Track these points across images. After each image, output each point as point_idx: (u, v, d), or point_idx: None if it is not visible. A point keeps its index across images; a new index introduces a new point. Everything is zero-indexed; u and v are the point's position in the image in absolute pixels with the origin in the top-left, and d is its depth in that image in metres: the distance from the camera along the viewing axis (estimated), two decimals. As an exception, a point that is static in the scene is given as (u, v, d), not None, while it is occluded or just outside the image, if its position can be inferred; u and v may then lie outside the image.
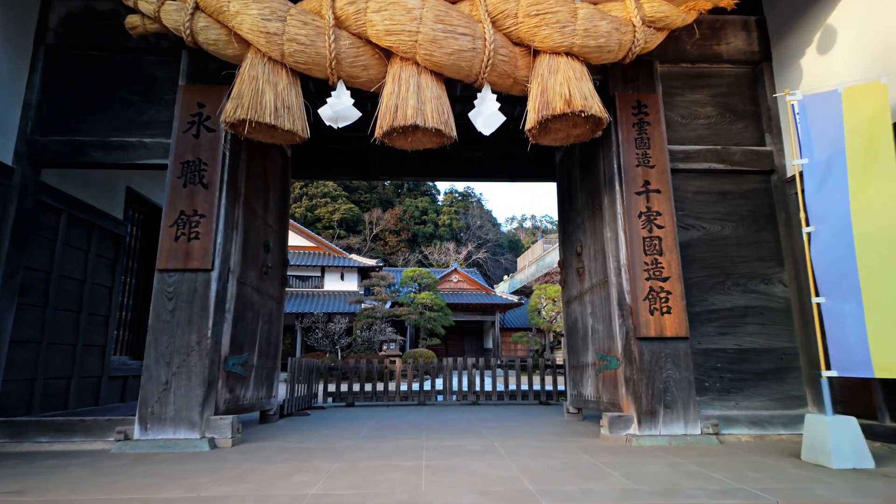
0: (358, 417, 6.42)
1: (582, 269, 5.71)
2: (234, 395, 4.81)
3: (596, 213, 5.28)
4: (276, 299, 6.10)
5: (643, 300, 4.47)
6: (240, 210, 4.91)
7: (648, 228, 4.61)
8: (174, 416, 4.13)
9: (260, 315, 5.50)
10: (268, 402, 5.82)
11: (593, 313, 5.36)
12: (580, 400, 5.82)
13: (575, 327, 6.05)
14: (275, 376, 6.06)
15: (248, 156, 5.12)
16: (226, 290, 4.61)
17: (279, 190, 6.25)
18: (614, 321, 4.75)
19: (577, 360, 5.98)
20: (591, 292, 5.42)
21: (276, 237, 6.09)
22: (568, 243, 6.39)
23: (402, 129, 3.95)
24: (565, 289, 6.45)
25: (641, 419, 4.29)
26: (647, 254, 4.56)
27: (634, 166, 4.74)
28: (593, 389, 5.35)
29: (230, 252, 4.70)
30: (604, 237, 5.03)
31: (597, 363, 5.22)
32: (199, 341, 4.27)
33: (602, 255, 5.09)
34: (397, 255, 51.32)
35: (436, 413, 6.92)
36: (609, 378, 4.89)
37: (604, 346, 5.05)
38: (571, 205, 6.21)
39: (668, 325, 4.42)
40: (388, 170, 8.36)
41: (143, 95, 4.90)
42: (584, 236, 5.67)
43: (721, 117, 5.13)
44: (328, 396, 8.50)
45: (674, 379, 4.36)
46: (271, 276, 5.88)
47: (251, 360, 5.24)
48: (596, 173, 5.27)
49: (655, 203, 4.66)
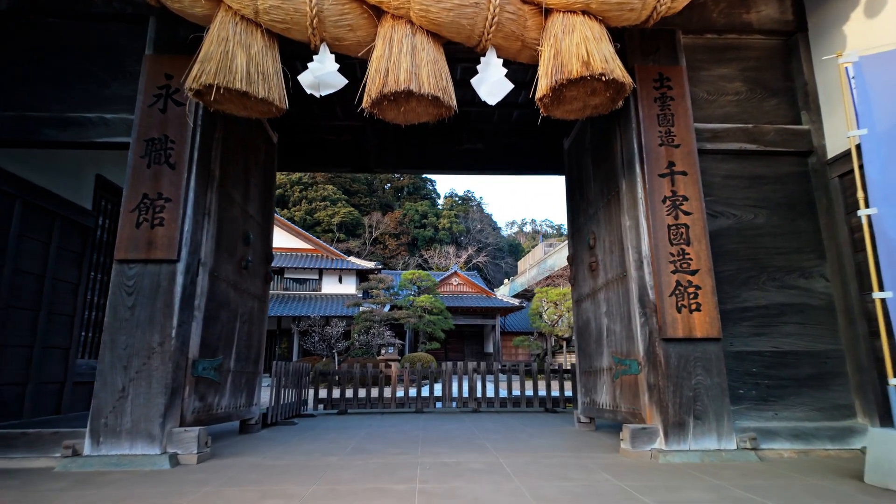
0: (348, 427, 5.86)
1: (595, 263, 5.16)
2: (206, 404, 4.26)
3: (612, 200, 4.74)
4: (259, 298, 5.56)
5: (669, 296, 3.93)
6: (213, 196, 4.37)
7: (674, 215, 4.07)
8: (131, 429, 3.58)
9: (238, 314, 4.95)
10: (248, 410, 5.27)
11: (609, 312, 4.82)
12: (593, 408, 5.27)
13: (587, 328, 5.50)
14: (256, 382, 5.51)
15: (223, 136, 4.59)
16: (195, 284, 4.07)
17: (262, 178, 5.72)
18: (634, 320, 4.21)
19: (589, 364, 5.43)
20: (607, 289, 4.87)
21: (258, 229, 5.55)
22: (578, 237, 5.85)
23: (394, 96, 3.42)
24: (575, 287, 5.90)
25: (668, 432, 3.74)
26: (672, 243, 4.02)
27: (657, 146, 4.21)
28: (609, 397, 4.80)
29: (200, 242, 4.16)
30: (621, 226, 4.50)
31: (613, 368, 4.67)
32: (161, 342, 3.72)
33: (619, 247, 4.55)
34: (397, 259, 50.90)
35: (434, 422, 6.36)
36: (628, 385, 4.35)
37: (622, 349, 4.51)
38: (582, 195, 5.68)
39: (697, 325, 3.88)
40: (384, 162, 7.84)
41: (106, 67, 4.37)
42: (598, 228, 5.13)
43: (751, 93, 4.61)
44: (319, 403, 7.94)
45: (704, 386, 3.81)
46: (252, 271, 5.34)
47: (227, 364, 4.69)
48: (612, 157, 4.74)
49: (681, 186, 4.13)
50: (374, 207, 55.44)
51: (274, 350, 28.53)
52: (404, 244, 53.90)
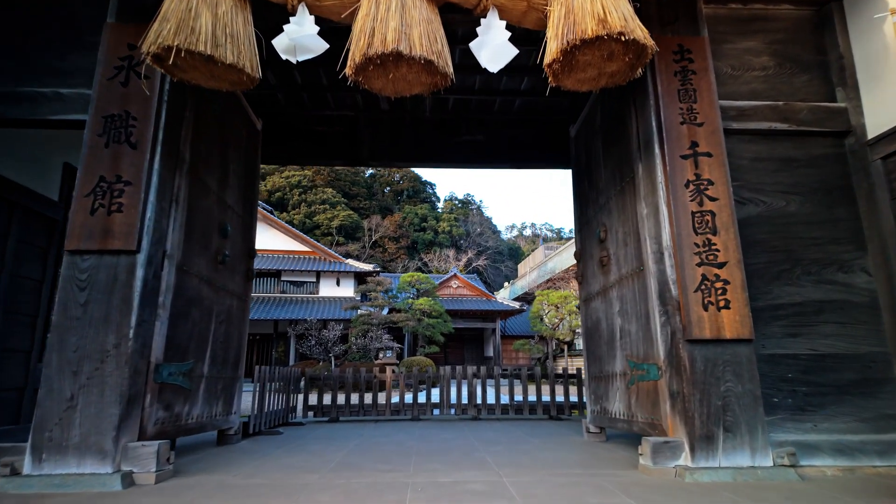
0: (338, 436, 5.39)
1: (606, 258, 4.71)
2: (172, 414, 3.80)
3: (626, 187, 4.29)
4: (239, 296, 5.10)
5: (694, 292, 3.47)
6: (183, 181, 3.92)
7: (698, 201, 3.62)
8: (79, 444, 3.11)
9: (214, 314, 4.49)
10: (225, 419, 4.80)
11: (623, 311, 4.36)
12: (604, 417, 4.80)
13: (597, 329, 5.04)
14: (235, 388, 5.04)
15: (196, 115, 4.15)
16: (159, 278, 3.61)
17: (243, 166, 5.27)
18: (654, 320, 3.75)
19: (599, 368, 4.97)
20: (620, 286, 4.42)
21: (238, 222, 5.09)
22: (587, 230, 5.39)
23: (381, 60, 2.97)
24: (584, 285, 5.44)
25: (695, 446, 3.27)
26: (697, 232, 3.57)
27: (678, 124, 3.76)
28: (623, 405, 4.33)
29: (166, 231, 3.71)
30: (637, 215, 4.04)
31: (628, 373, 4.21)
32: (117, 344, 3.26)
33: (635, 239, 4.10)
34: (396, 262, 50.52)
35: (431, 431, 5.89)
36: (646, 392, 3.88)
37: (638, 352, 4.05)
38: (591, 183, 5.22)
39: (726, 324, 3.42)
40: (378, 154, 7.39)
41: (64, 38, 3.93)
42: (610, 219, 4.68)
43: (780, 68, 4.16)
44: (309, 410, 7.47)
45: (735, 393, 3.35)
46: (231, 267, 4.88)
47: (199, 368, 4.23)
48: (626, 139, 4.29)
49: (706, 169, 3.68)
50: (373, 211, 55.10)
51: (270, 354, 28.03)
52: (404, 247, 53.52)
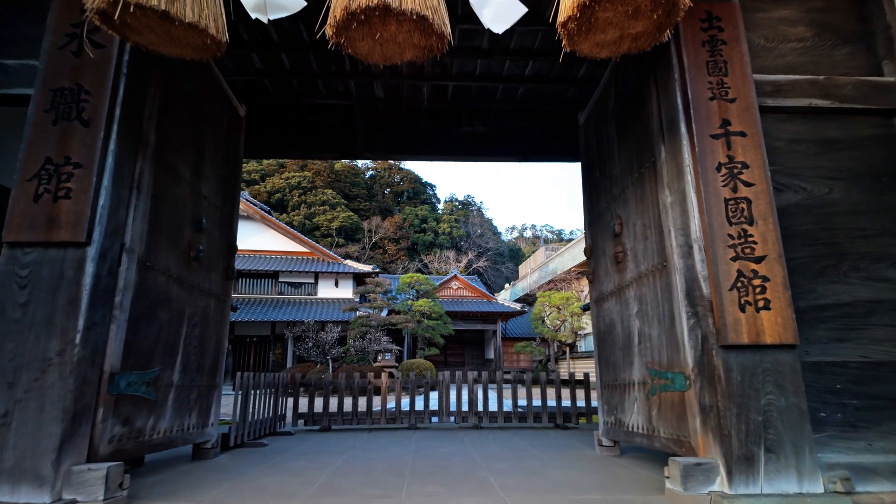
0: (326, 449, 4.94)
1: (622, 254, 4.25)
2: (133, 429, 3.34)
3: (646, 174, 3.83)
4: (217, 296, 4.64)
5: (729, 290, 3.01)
6: (146, 166, 3.47)
7: (731, 186, 3.16)
8: (13, 469, 2.65)
9: (185, 315, 4.04)
10: (201, 432, 4.34)
11: (642, 313, 3.90)
12: (619, 430, 4.34)
13: (610, 333, 4.58)
14: (213, 397, 4.58)
15: (164, 94, 3.70)
16: (115, 275, 3.16)
17: (223, 154, 4.82)
18: (680, 322, 3.30)
19: (613, 376, 4.50)
20: (638, 284, 3.96)
21: (216, 214, 4.64)
22: (598, 224, 4.94)
23: (366, 15, 2.51)
24: (595, 284, 4.98)
25: (732, 469, 2.81)
26: (731, 223, 3.11)
27: (707, 99, 3.31)
28: (642, 418, 3.87)
29: (125, 221, 3.26)
30: (660, 205, 3.59)
31: (648, 382, 3.75)
32: (61, 351, 2.81)
33: (657, 231, 3.64)
34: (396, 264, 50.18)
35: (428, 442, 5.43)
36: (671, 404, 3.42)
37: (660, 359, 3.59)
38: (604, 173, 4.77)
39: (766, 327, 2.96)
40: (373, 146, 6.94)
41: (8, 2, 3.49)
42: (626, 210, 4.22)
43: (818, 39, 3.71)
44: (299, 418, 7.00)
45: (778, 407, 2.89)
46: (207, 264, 4.42)
47: (168, 376, 3.77)
48: (645, 121, 3.84)
49: (739, 150, 3.22)
50: (373, 212, 54.77)
51: (267, 356, 27.59)
52: (404, 249, 53.15)
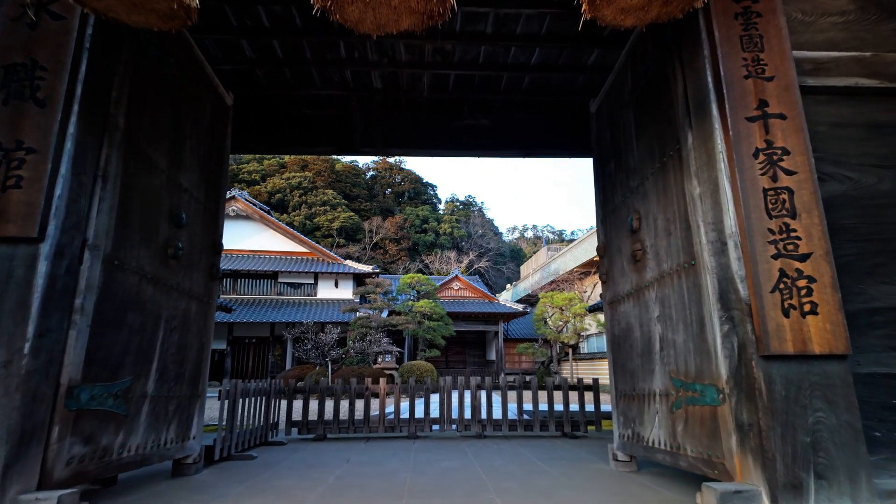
0: (319, 463, 4.57)
1: (640, 251, 3.88)
2: (98, 448, 2.98)
3: (669, 163, 3.47)
4: (199, 298, 4.28)
5: (770, 292, 2.65)
6: (115, 153, 3.11)
7: (771, 175, 2.80)
8: (-53, 498, 2.31)
9: (162, 319, 3.68)
10: (180, 446, 3.98)
11: (665, 317, 3.53)
12: (636, 445, 3.97)
13: (627, 338, 4.21)
14: (194, 408, 4.22)
15: (136, 75, 3.34)
16: (75, 274, 2.80)
17: (206, 145, 4.46)
18: (711, 328, 2.93)
19: (630, 385, 4.14)
20: (660, 285, 3.59)
21: (198, 209, 4.28)
22: (612, 219, 4.57)
23: (355, -29, 2.16)
24: (609, 284, 4.61)
25: (778, 499, 2.45)
26: (771, 215, 2.75)
27: (742, 78, 2.95)
28: (664, 433, 3.50)
29: (87, 215, 2.90)
30: (687, 196, 3.22)
31: (672, 393, 3.38)
32: (6, 362, 2.45)
33: (683, 226, 3.28)
34: (397, 264, 49.91)
35: (428, 454, 5.06)
36: (699, 419, 3.06)
37: (686, 368, 3.22)
38: (619, 164, 4.40)
39: (813, 335, 2.60)
40: (371, 140, 6.58)
41: (-38, -30, 3.14)
42: (645, 203, 3.86)
43: (861, 13, 3.35)
44: (293, 426, 6.64)
45: (828, 426, 2.53)
46: (188, 263, 4.06)
47: (141, 387, 3.41)
48: (668, 104, 3.48)
49: (779, 135, 2.86)
50: (374, 212, 54.53)
51: (267, 358, 27.23)
52: (405, 249, 52.86)
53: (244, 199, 30.46)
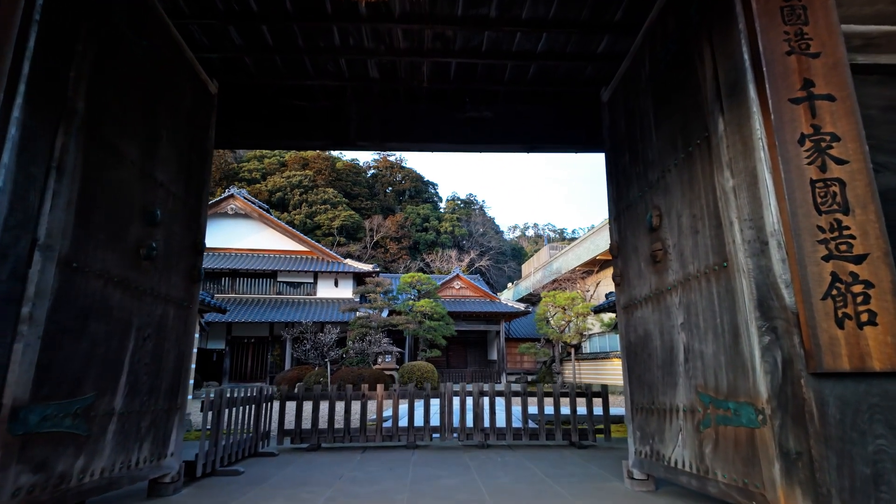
0: (309, 479, 4.23)
1: (661, 252, 3.52)
2: (53, 475, 2.63)
3: (696, 153, 3.11)
4: (178, 302, 3.92)
5: (822, 299, 2.29)
6: (74, 142, 2.75)
7: (819, 164, 2.44)
8: None
9: (133, 327, 3.32)
10: (156, 465, 3.63)
11: (690, 325, 3.17)
12: (656, 464, 3.61)
13: (644, 346, 3.85)
14: (172, 422, 3.87)
15: (99, 54, 2.98)
16: (23, 279, 2.44)
17: (186, 136, 4.10)
18: (747, 339, 2.57)
19: (649, 398, 3.77)
20: (685, 289, 3.23)
21: (177, 206, 3.92)
22: (627, 216, 4.20)
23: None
24: (624, 287, 4.25)
25: (834, 541, 2.09)
26: (820, 211, 2.39)
27: (783, 54, 2.58)
28: (690, 453, 3.14)
29: (39, 211, 2.54)
30: (717, 190, 2.86)
31: (699, 410, 3.02)
32: (-66, 382, 2.10)
33: (712, 223, 2.92)
34: (398, 263, 49.64)
35: (428, 469, 4.71)
36: (733, 441, 2.70)
37: (717, 383, 2.86)
38: (635, 156, 4.04)
39: (873, 349, 2.24)
40: (367, 134, 6.22)
41: None
42: (667, 198, 3.49)
43: (914, -15, 2.98)
44: (285, 436, 6.29)
45: (892, 456, 2.17)
46: (164, 264, 3.71)
47: (107, 403, 3.06)
48: (694, 88, 3.11)
49: (827, 118, 2.50)
50: (375, 211, 54.24)
51: (266, 358, 26.92)
52: (406, 248, 52.56)
53: (243, 198, 30.11)
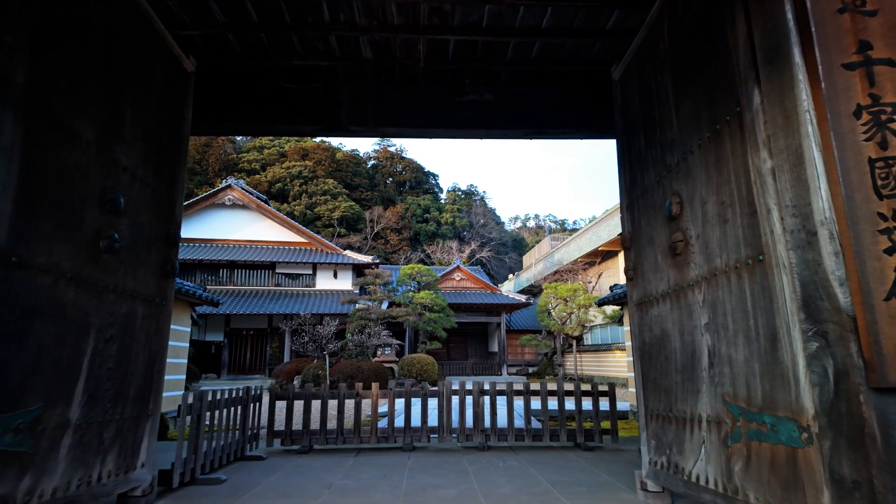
0: (296, 489, 3.90)
1: (682, 243, 3.16)
2: (-12, 500, 2.30)
3: (725, 131, 2.73)
4: (148, 299, 3.57)
5: (884, 300, 1.93)
6: (10, 117, 2.39)
7: (879, 140, 2.07)
8: None
9: (92, 328, 2.97)
10: (123, 479, 3.30)
11: (716, 325, 2.81)
12: (674, 477, 3.27)
13: (661, 348, 3.49)
14: (144, 430, 3.53)
15: (47, 20, 2.61)
16: (-56, 277, 2.09)
17: (156, 116, 3.72)
18: (788, 344, 2.22)
19: (666, 404, 3.43)
20: (711, 285, 2.87)
21: (145, 192, 3.55)
22: (641, 204, 3.83)
23: None
24: (636, 281, 3.89)
25: (901, 589, 1.75)
26: (881, 195, 2.03)
27: (835, 12, 2.21)
28: (716, 469, 2.80)
29: (-37, 196, 2.19)
30: (751, 172, 2.49)
31: (727, 423, 2.68)
32: None
33: (744, 210, 2.55)
34: (399, 254, 49.38)
35: (425, 477, 4.39)
36: (769, 461, 2.35)
37: (750, 393, 2.51)
38: (652, 138, 3.66)
39: (945, 359, 1.89)
40: (360, 118, 5.83)
41: None
42: (689, 183, 3.12)
43: (980, -64, 2.59)
44: (275, 437, 5.97)
45: (967, 487, 1.82)
46: (130, 258, 3.35)
47: (59, 415, 2.71)
48: (723, 56, 2.73)
49: (888, 87, 2.13)
50: (375, 202, 53.91)
51: (265, 350, 26.67)
52: (406, 239, 52.24)
53: (241, 188, 29.71)
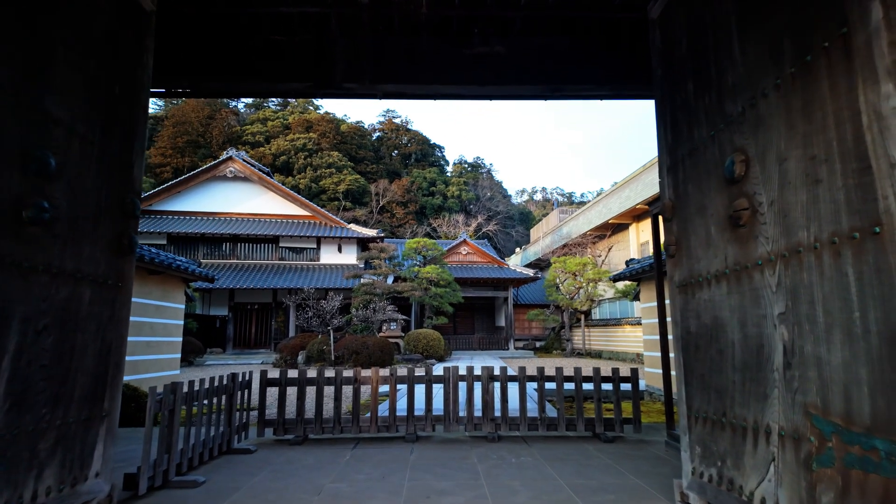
0: (279, 496, 3.40)
1: (746, 211, 2.53)
2: None
3: (818, 64, 2.07)
4: (98, 280, 3.00)
5: None
6: None
7: None
8: None
9: (14, 318, 2.40)
10: (70, 492, 2.78)
11: (798, 316, 2.20)
12: (727, 494, 2.71)
13: (713, 339, 2.89)
14: (97, 434, 3.00)
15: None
16: None
17: (102, 62, 3.08)
18: (923, 348, 1.61)
19: (718, 406, 2.84)
20: (789, 265, 2.25)
21: (89, 151, 2.94)
22: (690, 165, 3.17)
23: None
24: (681, 259, 3.26)
25: None
26: None
27: None
28: (791, 495, 2.23)
29: None
30: (863, 114, 1.84)
31: (812, 440, 2.09)
32: None
33: (850, 166, 1.91)
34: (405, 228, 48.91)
35: (428, 475, 3.87)
36: (881, 498, 1.78)
37: (849, 408, 1.92)
38: (705, 84, 2.98)
39: None
40: (358, 74, 5.16)
41: None
42: (758, 136, 2.47)
43: None
44: (266, 426, 5.48)
45: None
46: (69, 231, 2.76)
47: (-30, 427, 2.18)
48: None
49: None
50: (380, 175, 53.18)
51: (269, 325, 26.42)
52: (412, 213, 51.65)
53: (242, 160, 29.02)
